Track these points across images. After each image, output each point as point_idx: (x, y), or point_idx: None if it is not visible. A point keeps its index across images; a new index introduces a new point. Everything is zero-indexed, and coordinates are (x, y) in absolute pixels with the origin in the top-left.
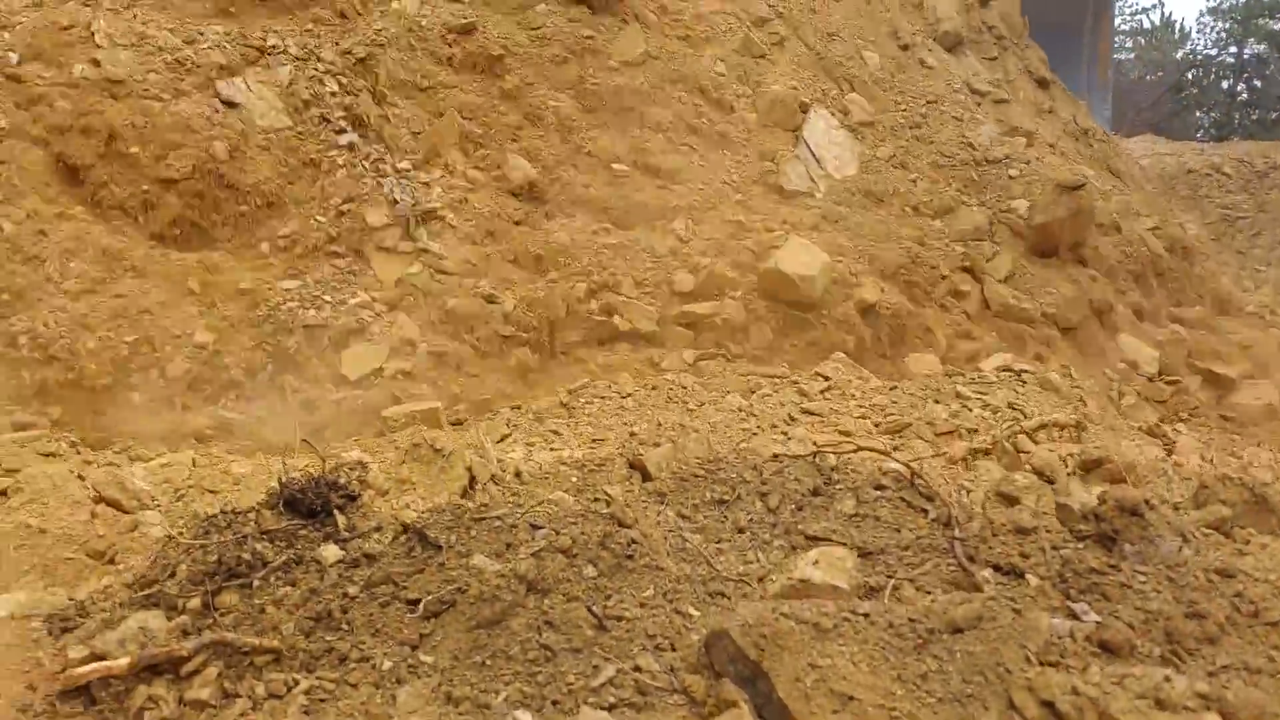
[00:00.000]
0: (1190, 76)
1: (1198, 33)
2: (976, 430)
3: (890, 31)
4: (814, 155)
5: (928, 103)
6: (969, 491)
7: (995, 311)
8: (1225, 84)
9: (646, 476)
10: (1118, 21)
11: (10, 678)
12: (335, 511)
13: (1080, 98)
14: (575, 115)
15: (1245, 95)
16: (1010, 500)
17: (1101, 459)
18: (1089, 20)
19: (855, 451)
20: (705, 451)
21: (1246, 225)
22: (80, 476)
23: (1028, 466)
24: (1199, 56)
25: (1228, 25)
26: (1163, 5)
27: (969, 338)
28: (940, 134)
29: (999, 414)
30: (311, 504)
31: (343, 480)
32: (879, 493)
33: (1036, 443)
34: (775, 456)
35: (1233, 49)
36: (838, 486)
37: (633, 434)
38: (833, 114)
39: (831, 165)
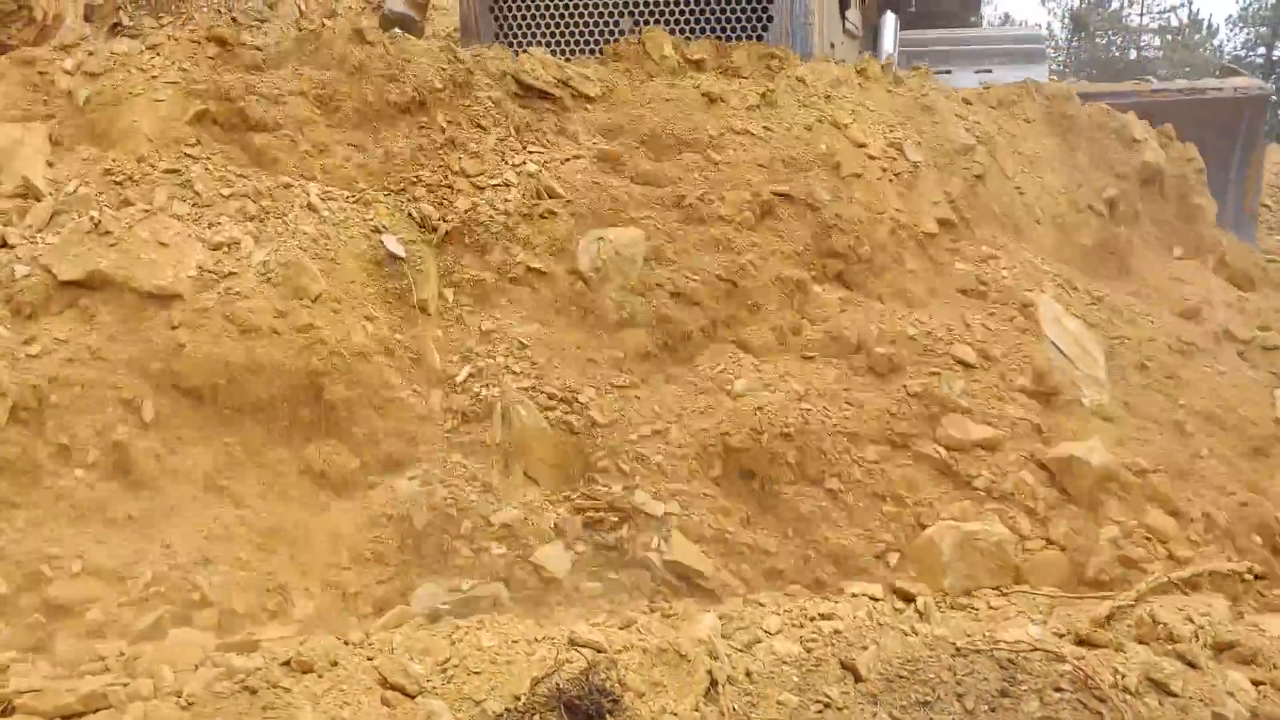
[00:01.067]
0: (1218, 76)
1: (1228, 33)
2: (1146, 572)
3: (1100, 187)
4: (1062, 353)
5: (1177, 351)
6: (1124, 676)
7: None
8: None
9: (858, 677)
10: (1145, 19)
11: None
12: (607, 716)
13: (1224, 225)
14: None
15: (1275, 97)
16: (1163, 689)
17: (1233, 642)
18: (1238, 146)
19: (1032, 650)
20: (904, 650)
21: None
22: (359, 648)
23: (1168, 646)
24: (1228, 58)
25: (1258, 29)
26: (1190, 3)
27: None
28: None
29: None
30: (588, 710)
31: (608, 685)
32: (1059, 694)
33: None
34: (959, 650)
35: (1261, 50)
36: (1022, 688)
37: (837, 631)
38: (1056, 300)
39: (1084, 365)
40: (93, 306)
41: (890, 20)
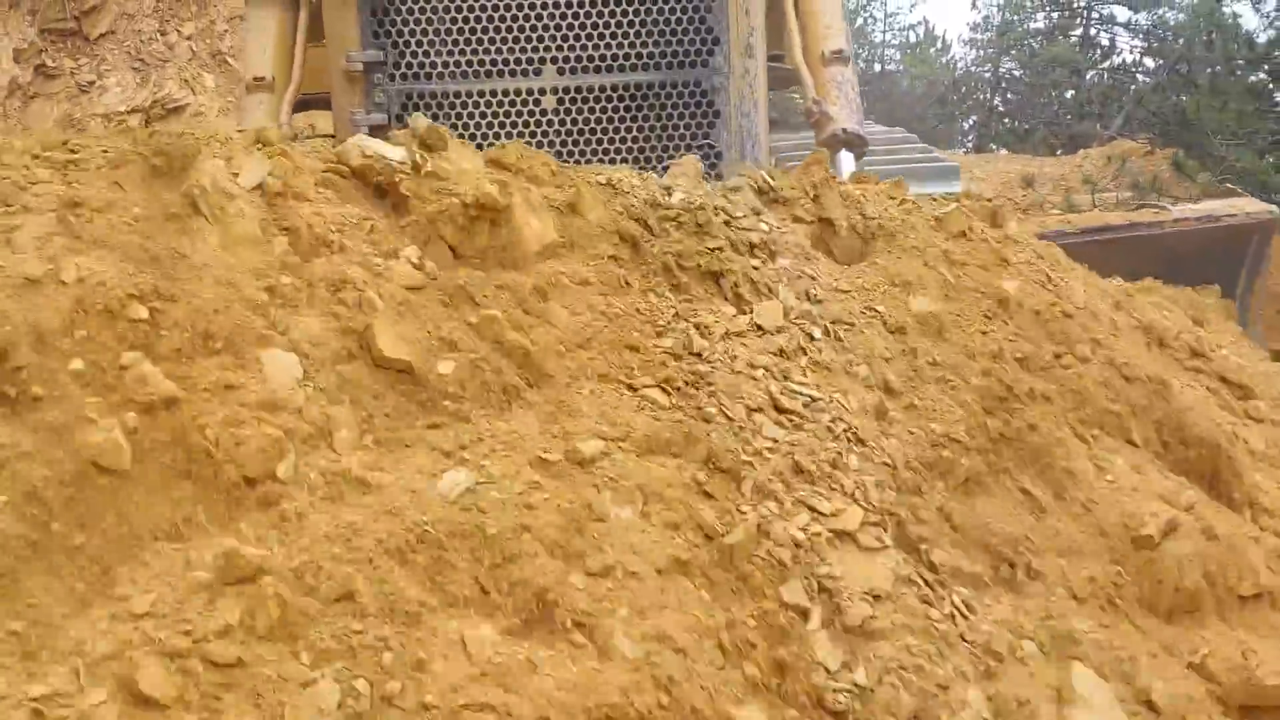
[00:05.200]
0: (949, 85)
1: (961, 50)
2: None
3: None
4: None
5: None
6: None
7: None
8: (984, 97)
9: None
10: (888, 35)
11: None
12: None
13: None
14: None
15: (1001, 108)
16: None
17: None
18: (1243, 275)
19: None
20: None
21: None
22: None
23: None
24: (960, 72)
25: (985, 50)
26: (927, 21)
27: None
28: None
29: None
30: None
31: None
32: None
33: None
34: None
35: (988, 66)
36: None
37: None
38: None
39: None
40: None
41: (848, 161)
